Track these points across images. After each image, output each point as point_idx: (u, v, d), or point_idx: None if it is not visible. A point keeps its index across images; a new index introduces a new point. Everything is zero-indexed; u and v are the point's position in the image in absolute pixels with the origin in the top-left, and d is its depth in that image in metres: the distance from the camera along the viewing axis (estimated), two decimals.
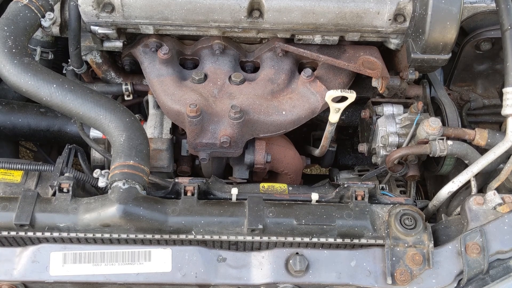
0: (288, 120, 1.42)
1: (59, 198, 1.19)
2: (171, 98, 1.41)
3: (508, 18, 1.30)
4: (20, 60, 1.23)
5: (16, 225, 1.16)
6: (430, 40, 1.31)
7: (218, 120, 1.38)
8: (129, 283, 1.15)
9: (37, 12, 1.32)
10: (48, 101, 1.23)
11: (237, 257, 1.18)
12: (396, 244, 1.18)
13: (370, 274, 1.16)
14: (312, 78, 1.44)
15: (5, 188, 1.32)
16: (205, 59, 1.52)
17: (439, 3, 1.27)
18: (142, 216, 1.15)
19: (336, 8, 1.37)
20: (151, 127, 1.55)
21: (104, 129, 1.24)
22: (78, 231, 1.17)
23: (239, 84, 1.46)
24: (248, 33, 1.47)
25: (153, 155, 1.50)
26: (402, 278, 1.14)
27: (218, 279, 1.15)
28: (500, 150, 1.31)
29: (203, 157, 1.40)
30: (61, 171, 1.28)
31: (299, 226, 1.19)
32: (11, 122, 1.57)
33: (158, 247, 1.17)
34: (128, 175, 1.16)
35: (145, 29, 1.44)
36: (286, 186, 1.38)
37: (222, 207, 1.21)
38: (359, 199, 1.25)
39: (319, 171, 2.54)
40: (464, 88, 1.72)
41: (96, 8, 1.37)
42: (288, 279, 1.15)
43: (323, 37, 1.47)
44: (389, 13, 1.37)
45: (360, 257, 1.17)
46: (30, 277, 1.15)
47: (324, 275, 1.16)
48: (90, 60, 1.57)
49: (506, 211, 1.19)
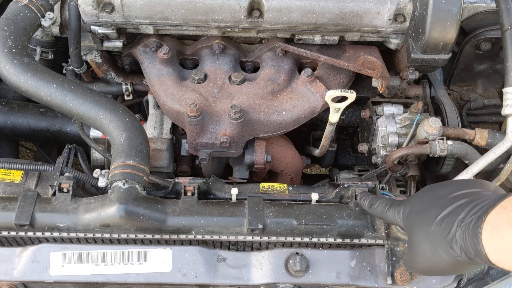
0: (288, 120, 1.42)
1: (59, 198, 1.19)
2: (171, 98, 1.41)
3: (508, 18, 1.30)
4: (20, 60, 1.23)
5: (16, 225, 1.16)
6: (430, 40, 1.31)
7: (218, 120, 1.38)
8: (129, 283, 1.15)
9: (37, 12, 1.32)
10: (48, 101, 1.23)
11: (237, 257, 1.18)
12: (396, 244, 1.18)
13: (370, 274, 1.16)
14: (312, 78, 1.44)
15: (5, 188, 1.32)
16: (205, 59, 1.52)
17: (439, 3, 1.27)
18: (142, 216, 1.15)
19: (336, 8, 1.37)
20: (151, 127, 1.55)
21: (104, 129, 1.24)
22: (78, 231, 1.17)
23: (239, 84, 1.46)
24: (248, 33, 1.47)
25: (153, 155, 1.50)
26: (402, 278, 1.14)
27: (218, 279, 1.15)
28: (500, 150, 1.31)
29: (203, 157, 1.40)
30: (61, 171, 1.28)
31: (299, 226, 1.19)
32: (11, 122, 1.57)
33: (158, 247, 1.17)
34: (128, 175, 1.16)
35: (145, 29, 1.44)
36: (286, 186, 1.38)
37: (222, 207, 1.21)
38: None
39: (319, 171, 2.55)
40: (464, 88, 1.72)
41: (96, 8, 1.37)
42: (288, 279, 1.15)
43: (323, 37, 1.47)
44: (389, 13, 1.37)
45: (360, 257, 1.18)
46: (30, 277, 1.15)
47: (324, 275, 1.16)
48: (90, 60, 1.57)
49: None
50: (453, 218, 0.87)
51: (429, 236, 0.91)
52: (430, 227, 0.91)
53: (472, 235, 0.82)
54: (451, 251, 0.87)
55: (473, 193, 0.91)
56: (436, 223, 0.90)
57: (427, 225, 0.92)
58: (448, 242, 0.87)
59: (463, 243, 0.84)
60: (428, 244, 0.92)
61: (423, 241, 0.93)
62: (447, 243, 0.87)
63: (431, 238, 0.91)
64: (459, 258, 0.87)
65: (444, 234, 0.88)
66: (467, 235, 0.83)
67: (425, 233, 0.93)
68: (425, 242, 0.93)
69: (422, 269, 0.99)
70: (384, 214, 1.09)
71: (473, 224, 0.83)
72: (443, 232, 0.88)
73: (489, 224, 0.80)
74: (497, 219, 0.79)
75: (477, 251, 0.82)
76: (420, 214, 0.96)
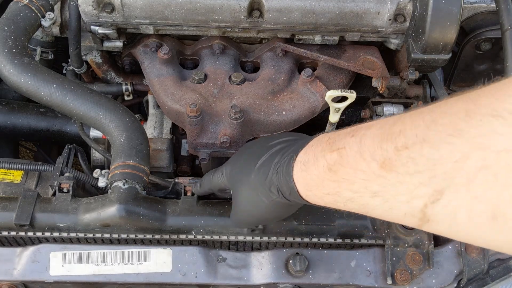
0: (288, 120, 1.42)
1: (59, 198, 1.19)
2: (171, 98, 1.41)
3: (508, 18, 1.30)
4: (20, 60, 1.23)
5: (16, 225, 1.16)
6: (430, 40, 1.31)
7: (218, 120, 1.38)
8: (129, 283, 1.15)
9: (37, 12, 1.32)
10: (48, 101, 1.23)
11: (237, 257, 1.18)
12: (396, 244, 1.18)
13: (370, 274, 1.16)
14: (312, 78, 1.44)
15: (5, 188, 1.32)
16: (205, 59, 1.52)
17: (439, 3, 1.27)
18: (142, 216, 1.15)
19: (336, 8, 1.37)
20: (151, 127, 1.55)
21: (104, 129, 1.24)
22: (78, 231, 1.17)
23: (239, 84, 1.46)
24: (248, 33, 1.47)
25: (153, 155, 1.50)
26: (402, 278, 1.15)
27: (218, 279, 1.16)
28: None
29: (203, 157, 1.40)
30: (61, 171, 1.28)
31: (299, 226, 1.19)
32: (11, 122, 1.57)
33: (158, 247, 1.17)
34: (128, 175, 1.16)
35: (145, 29, 1.44)
36: None
37: (222, 207, 1.21)
38: None
39: None
40: (464, 88, 1.72)
41: (96, 8, 1.37)
42: (288, 279, 1.15)
43: (323, 37, 1.47)
44: (389, 13, 1.37)
45: (360, 257, 1.18)
46: (30, 277, 1.15)
47: (324, 275, 1.16)
48: (90, 60, 1.57)
49: None
50: (269, 163, 0.93)
51: (250, 185, 0.97)
52: (250, 177, 0.97)
53: (285, 174, 0.87)
54: (270, 194, 0.92)
55: (288, 140, 0.97)
56: (255, 171, 0.96)
57: (247, 175, 0.98)
58: (267, 185, 0.92)
59: (279, 183, 0.89)
60: (250, 192, 0.97)
61: (245, 190, 0.99)
62: (266, 186, 0.93)
63: (252, 185, 0.96)
64: (277, 199, 0.92)
65: (262, 179, 0.93)
66: (281, 175, 0.88)
67: (246, 183, 0.98)
68: (247, 190, 0.98)
69: (245, 219, 1.05)
70: (212, 184, 1.14)
71: (286, 164, 0.88)
72: (261, 178, 0.93)
73: (299, 162, 0.85)
74: (305, 157, 0.84)
75: (291, 189, 0.87)
76: (240, 168, 1.02)
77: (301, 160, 0.85)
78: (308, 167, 0.83)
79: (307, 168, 0.83)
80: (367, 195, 0.70)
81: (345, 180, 0.73)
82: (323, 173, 0.78)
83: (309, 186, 0.83)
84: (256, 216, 1.01)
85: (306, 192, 0.85)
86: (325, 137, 0.83)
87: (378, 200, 0.68)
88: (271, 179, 0.91)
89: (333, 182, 0.76)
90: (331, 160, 0.76)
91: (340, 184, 0.74)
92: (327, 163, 0.77)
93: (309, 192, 0.84)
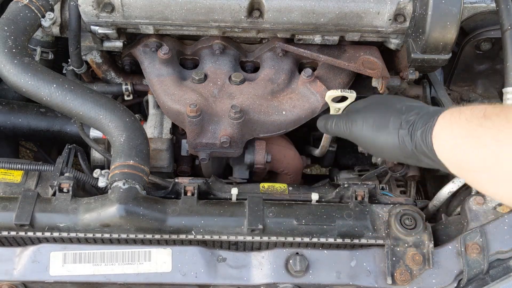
0: (288, 120, 1.42)
1: (59, 198, 1.19)
2: (171, 98, 1.41)
3: (508, 18, 1.30)
4: (20, 60, 1.23)
5: (16, 225, 1.16)
6: (430, 40, 1.31)
7: (218, 120, 1.38)
8: (129, 283, 1.15)
9: (37, 12, 1.32)
10: (48, 101, 1.23)
11: (237, 257, 1.18)
12: (396, 244, 1.18)
13: (370, 274, 1.16)
14: (312, 78, 1.44)
15: (5, 188, 1.32)
16: (205, 59, 1.52)
17: (439, 3, 1.27)
18: (142, 216, 1.15)
19: (336, 8, 1.37)
20: (151, 127, 1.55)
21: (104, 129, 1.24)
22: (78, 231, 1.17)
23: (239, 84, 1.46)
24: (248, 33, 1.47)
25: (153, 155, 1.50)
26: (402, 278, 1.14)
27: (218, 279, 1.15)
28: None
29: (203, 157, 1.40)
30: (61, 171, 1.28)
31: (299, 226, 1.19)
32: (11, 122, 1.57)
33: (158, 247, 1.17)
34: (128, 175, 1.16)
35: (145, 29, 1.44)
36: (286, 186, 1.38)
37: (222, 207, 1.21)
38: (359, 199, 1.25)
39: (319, 171, 2.54)
40: (464, 88, 1.72)
41: (96, 8, 1.37)
42: (288, 279, 1.15)
43: (323, 37, 1.47)
44: (389, 13, 1.37)
45: (360, 257, 1.18)
46: (30, 277, 1.15)
47: (324, 275, 1.16)
48: (90, 60, 1.57)
49: (506, 211, 1.19)
50: (406, 122, 1.07)
51: (389, 133, 1.10)
52: (388, 128, 1.10)
53: (426, 126, 1.00)
54: (405, 139, 1.06)
55: (420, 105, 1.13)
56: (392, 123, 1.09)
57: (384, 127, 1.11)
58: (408, 131, 1.05)
59: (416, 133, 1.03)
60: (387, 137, 1.10)
61: (382, 136, 1.11)
62: (407, 130, 1.06)
63: (391, 133, 1.09)
64: (408, 146, 1.05)
65: (408, 122, 1.07)
66: (421, 124, 1.02)
67: (384, 131, 1.11)
68: (384, 135, 1.11)
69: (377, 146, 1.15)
70: (332, 131, 1.30)
71: (428, 118, 1.01)
72: (405, 119, 1.07)
73: (442, 119, 0.98)
74: (451, 117, 0.96)
75: (427, 143, 0.99)
76: (375, 122, 1.14)
77: (444, 118, 0.97)
78: (452, 127, 0.94)
79: (451, 126, 0.94)
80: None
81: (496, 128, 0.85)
82: (476, 123, 0.88)
83: (454, 135, 0.93)
84: (383, 149, 1.13)
85: (442, 153, 0.96)
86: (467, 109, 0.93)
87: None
88: (413, 125, 1.04)
89: (482, 128, 0.87)
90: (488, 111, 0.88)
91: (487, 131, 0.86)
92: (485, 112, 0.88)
93: (443, 153, 0.96)
